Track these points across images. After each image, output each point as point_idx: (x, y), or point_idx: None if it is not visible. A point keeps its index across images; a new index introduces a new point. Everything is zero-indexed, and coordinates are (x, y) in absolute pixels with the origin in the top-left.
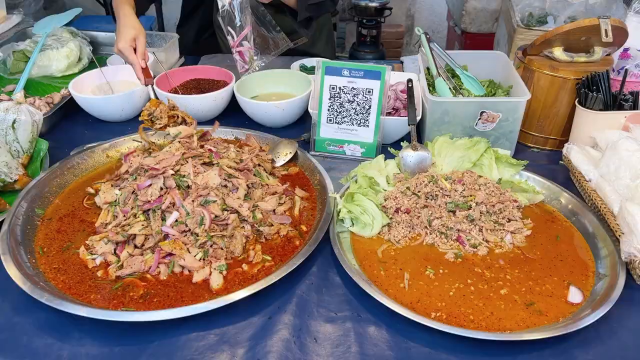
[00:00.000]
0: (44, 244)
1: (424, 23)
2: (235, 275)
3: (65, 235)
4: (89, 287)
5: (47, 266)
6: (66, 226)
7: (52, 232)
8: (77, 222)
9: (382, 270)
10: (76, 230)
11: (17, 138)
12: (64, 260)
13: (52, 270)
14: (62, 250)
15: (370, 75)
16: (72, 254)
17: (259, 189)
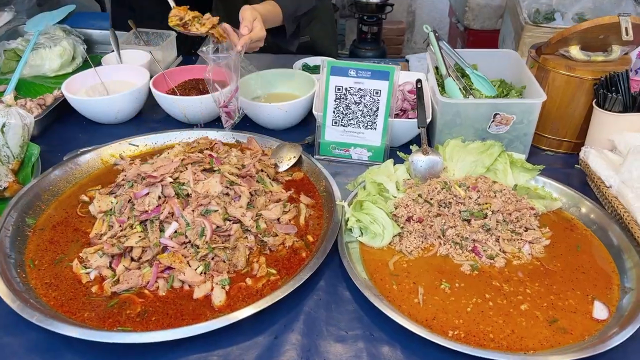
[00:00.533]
0: (35, 256)
1: (425, 19)
2: (239, 291)
3: (57, 247)
4: (83, 304)
5: (38, 281)
6: (59, 236)
7: (44, 243)
8: (70, 232)
9: (394, 284)
10: (69, 240)
11: (6, 143)
12: (56, 274)
13: (43, 285)
14: (54, 263)
15: (378, 75)
16: (65, 267)
17: (262, 196)
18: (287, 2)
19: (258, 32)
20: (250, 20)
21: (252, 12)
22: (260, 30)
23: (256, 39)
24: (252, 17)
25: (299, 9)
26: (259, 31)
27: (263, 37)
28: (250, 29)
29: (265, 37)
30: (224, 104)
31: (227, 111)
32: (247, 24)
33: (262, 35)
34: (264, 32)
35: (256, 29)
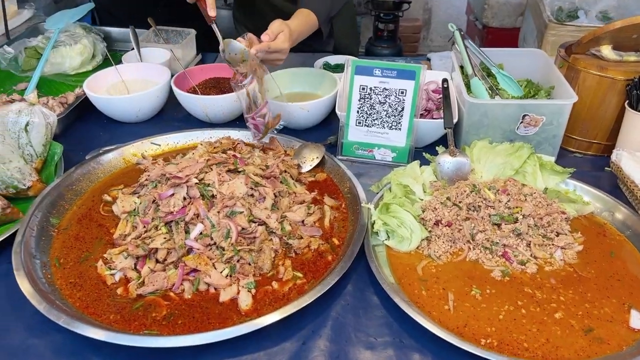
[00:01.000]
0: (60, 254)
1: (442, 17)
2: (265, 295)
3: (82, 244)
4: (107, 306)
5: (63, 280)
6: (84, 231)
7: (70, 240)
8: (94, 227)
9: (423, 290)
10: (94, 237)
11: (30, 141)
12: (81, 274)
13: (68, 285)
14: (79, 262)
15: (404, 75)
16: (90, 266)
17: (285, 197)
18: (320, 7)
19: (279, 44)
20: (275, 31)
21: (280, 25)
22: (282, 43)
23: (276, 49)
24: (278, 30)
25: (332, 10)
26: (281, 43)
27: (284, 50)
28: (272, 38)
29: (286, 51)
30: (253, 116)
31: (254, 124)
32: (270, 33)
33: (283, 48)
34: (286, 45)
35: (278, 40)
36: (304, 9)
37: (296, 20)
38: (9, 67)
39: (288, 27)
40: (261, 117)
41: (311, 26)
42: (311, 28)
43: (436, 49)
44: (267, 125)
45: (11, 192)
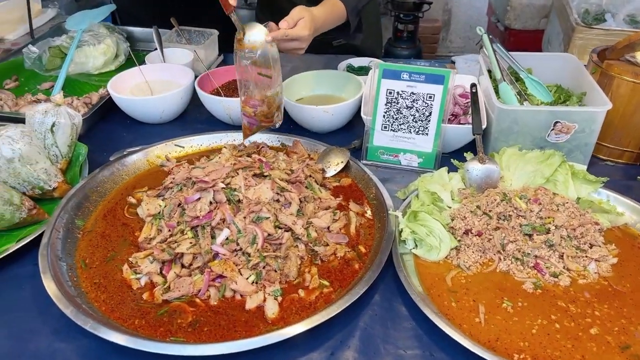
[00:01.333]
0: (86, 254)
1: (462, 18)
2: (292, 303)
3: (109, 242)
4: (132, 310)
5: (88, 282)
6: (110, 232)
7: (97, 238)
8: (119, 227)
9: (453, 301)
10: (119, 236)
11: (55, 142)
12: (106, 274)
13: (92, 285)
14: (105, 261)
15: (432, 79)
16: (115, 267)
17: (310, 203)
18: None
19: (298, 31)
20: (294, 18)
21: (301, 11)
22: (301, 30)
23: (294, 36)
24: (298, 16)
25: (360, 1)
26: (299, 30)
27: (303, 37)
28: (291, 25)
29: (306, 39)
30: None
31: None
32: (289, 19)
33: (302, 35)
34: (306, 32)
35: (298, 27)
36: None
37: (321, 8)
38: (33, 66)
39: (310, 13)
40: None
41: (338, 16)
42: (337, 18)
43: (455, 50)
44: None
45: (37, 193)
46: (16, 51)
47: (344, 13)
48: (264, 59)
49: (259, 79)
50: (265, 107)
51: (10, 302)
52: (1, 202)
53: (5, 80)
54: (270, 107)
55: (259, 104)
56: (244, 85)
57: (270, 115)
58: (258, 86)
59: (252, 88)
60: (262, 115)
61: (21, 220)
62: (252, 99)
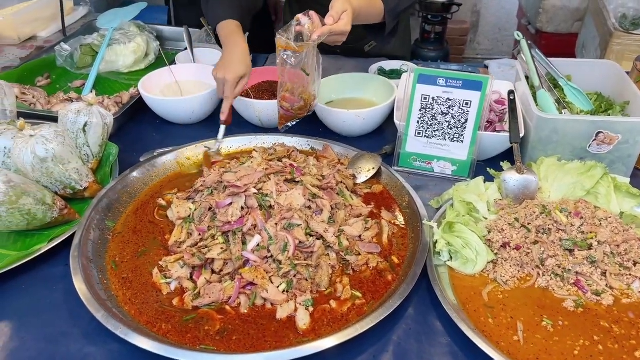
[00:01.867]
0: (116, 252)
1: (491, 20)
2: (323, 314)
3: (140, 238)
4: (157, 312)
5: (117, 278)
6: (140, 229)
7: (128, 234)
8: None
9: (489, 318)
10: (150, 232)
11: (87, 142)
12: (135, 269)
13: (120, 281)
14: (137, 256)
15: (470, 85)
16: (146, 262)
17: (342, 210)
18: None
19: (342, 26)
20: (339, 12)
21: (344, 4)
22: (345, 25)
23: (338, 32)
24: (342, 9)
25: (400, 4)
26: (344, 25)
27: (347, 32)
28: (336, 20)
29: (348, 34)
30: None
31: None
32: (334, 14)
33: (346, 31)
34: (349, 27)
35: (342, 22)
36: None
37: (359, 2)
38: (65, 64)
39: (351, 5)
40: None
41: (375, 12)
42: (373, 15)
43: (483, 53)
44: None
45: (68, 192)
46: (48, 49)
47: (380, 12)
48: (306, 57)
49: (300, 77)
50: (303, 102)
51: (42, 303)
52: (34, 201)
53: (38, 78)
54: (308, 102)
55: (298, 100)
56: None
57: (306, 108)
58: (298, 83)
59: (292, 86)
60: (299, 109)
61: (53, 220)
62: (291, 96)
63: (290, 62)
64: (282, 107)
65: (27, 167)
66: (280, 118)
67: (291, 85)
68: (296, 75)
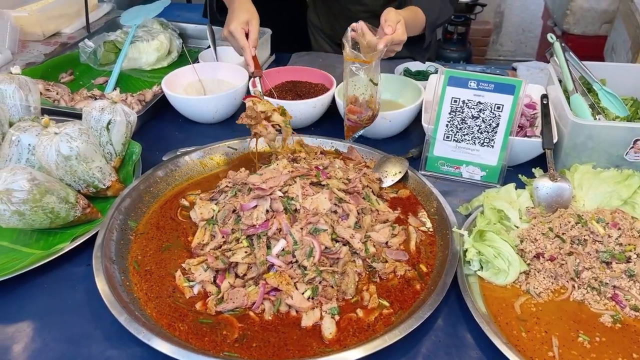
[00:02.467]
0: (139, 252)
1: (515, 20)
2: (349, 323)
3: (163, 234)
4: (170, 309)
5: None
6: (164, 221)
7: (152, 230)
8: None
9: (523, 331)
10: (173, 229)
11: (110, 140)
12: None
13: (143, 272)
14: (161, 250)
15: (502, 89)
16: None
17: (367, 215)
18: (430, 9)
19: (400, 35)
20: (395, 22)
21: (397, 15)
22: (402, 34)
23: (397, 41)
24: (397, 20)
25: (440, 17)
26: (401, 34)
27: (403, 41)
28: (394, 30)
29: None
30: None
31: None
32: (392, 24)
33: (403, 40)
34: (405, 36)
35: (398, 31)
36: (413, 6)
37: (406, 12)
38: (88, 60)
39: (402, 16)
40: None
41: (418, 25)
42: (416, 27)
43: (506, 54)
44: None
45: (91, 191)
46: (72, 45)
47: (422, 24)
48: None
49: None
50: (371, 112)
51: (64, 303)
52: (57, 200)
53: (61, 74)
54: (375, 111)
55: (366, 110)
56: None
57: (372, 117)
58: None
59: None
60: (367, 119)
61: (75, 219)
62: (360, 108)
63: (360, 75)
64: (349, 120)
65: (51, 164)
66: (347, 130)
67: (360, 97)
68: (364, 86)
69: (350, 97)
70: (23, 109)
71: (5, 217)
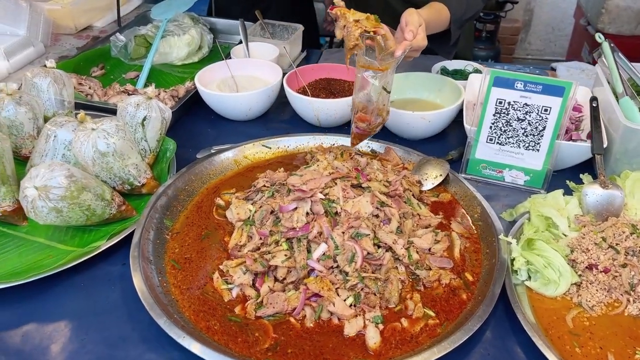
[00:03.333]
0: (174, 253)
1: (544, 19)
2: (393, 333)
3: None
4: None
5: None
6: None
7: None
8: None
9: (576, 347)
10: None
11: (145, 136)
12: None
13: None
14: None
15: (551, 90)
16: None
17: (409, 219)
18: (455, 5)
19: (420, 41)
20: (416, 26)
21: (419, 17)
22: (422, 40)
23: (416, 47)
24: (418, 23)
25: (466, 12)
26: (421, 40)
27: (423, 47)
28: (415, 35)
29: (423, 47)
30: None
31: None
32: (413, 29)
33: (423, 45)
34: (425, 42)
35: (419, 36)
36: (436, 3)
37: (428, 13)
38: (119, 54)
39: (423, 18)
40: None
41: (442, 23)
42: (440, 25)
43: (534, 54)
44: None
45: (126, 188)
46: (104, 39)
47: (446, 21)
48: (390, 76)
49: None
50: (381, 119)
51: (100, 304)
52: (94, 197)
53: (93, 68)
54: (384, 118)
55: (376, 118)
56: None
57: (381, 123)
58: (379, 102)
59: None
60: (376, 126)
61: (110, 217)
62: (370, 115)
63: (374, 83)
64: (358, 127)
65: (88, 161)
66: (354, 137)
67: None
68: (376, 94)
69: (360, 105)
70: (57, 103)
71: (43, 214)
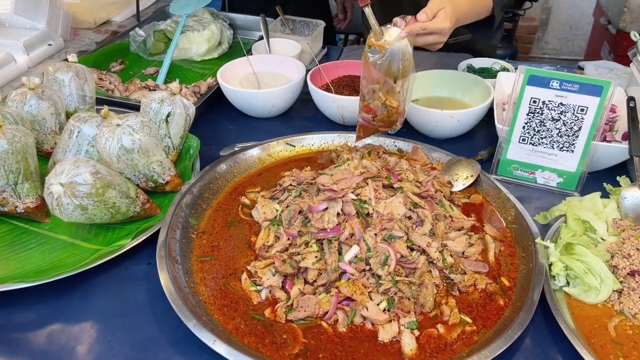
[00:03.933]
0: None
1: (562, 17)
2: (429, 340)
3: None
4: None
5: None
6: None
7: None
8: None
9: (620, 357)
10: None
11: (168, 133)
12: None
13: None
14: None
15: (588, 90)
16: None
17: (441, 221)
18: None
19: (437, 23)
20: (433, 9)
21: (441, 1)
22: (441, 22)
23: (433, 29)
24: (438, 7)
25: None
26: (439, 22)
27: (444, 31)
28: (430, 17)
29: (446, 32)
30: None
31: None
32: (428, 11)
33: (442, 28)
34: (446, 24)
35: (437, 19)
36: None
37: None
38: (138, 50)
39: (452, 2)
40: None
41: (482, 8)
42: (481, 10)
43: (551, 53)
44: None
45: (150, 186)
46: (123, 34)
47: (489, 5)
48: (392, 59)
49: (384, 81)
50: (387, 113)
51: (127, 303)
52: (118, 194)
53: (112, 63)
54: (392, 114)
55: (380, 110)
56: (365, 87)
57: (390, 121)
58: (381, 90)
59: (374, 92)
60: (381, 121)
61: (134, 215)
62: (373, 104)
63: (373, 60)
64: (363, 118)
65: (113, 157)
66: (358, 129)
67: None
68: (380, 79)
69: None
70: (79, 98)
71: (69, 211)
